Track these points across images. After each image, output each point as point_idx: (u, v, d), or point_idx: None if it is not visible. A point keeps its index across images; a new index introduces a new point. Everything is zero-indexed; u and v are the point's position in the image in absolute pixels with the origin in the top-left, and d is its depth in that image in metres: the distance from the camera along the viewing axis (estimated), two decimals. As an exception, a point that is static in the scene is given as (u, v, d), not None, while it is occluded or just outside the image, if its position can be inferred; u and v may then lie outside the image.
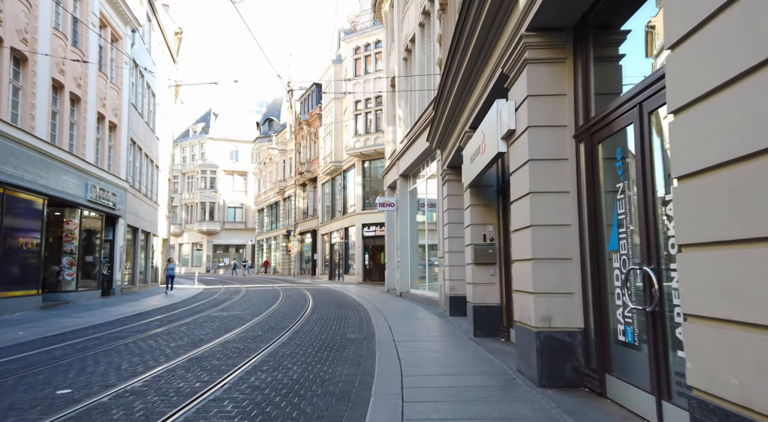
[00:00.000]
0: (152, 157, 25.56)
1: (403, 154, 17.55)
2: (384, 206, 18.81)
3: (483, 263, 8.27)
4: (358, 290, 22.46)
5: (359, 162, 30.63)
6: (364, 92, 29.56)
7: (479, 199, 8.43)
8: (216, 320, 11.38)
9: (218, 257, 62.54)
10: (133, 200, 22.00)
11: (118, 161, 19.59)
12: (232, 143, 63.90)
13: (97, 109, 17.53)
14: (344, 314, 12.34)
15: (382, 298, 17.25)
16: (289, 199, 46.17)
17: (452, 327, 9.52)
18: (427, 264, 15.82)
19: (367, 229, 29.99)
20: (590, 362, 4.63)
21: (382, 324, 10.08)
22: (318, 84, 39.79)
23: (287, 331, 9.22)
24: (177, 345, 7.86)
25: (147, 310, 14.18)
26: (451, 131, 10.48)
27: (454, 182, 11.72)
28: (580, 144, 4.84)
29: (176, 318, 12.13)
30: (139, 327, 10.44)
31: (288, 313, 12.72)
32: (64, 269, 15.76)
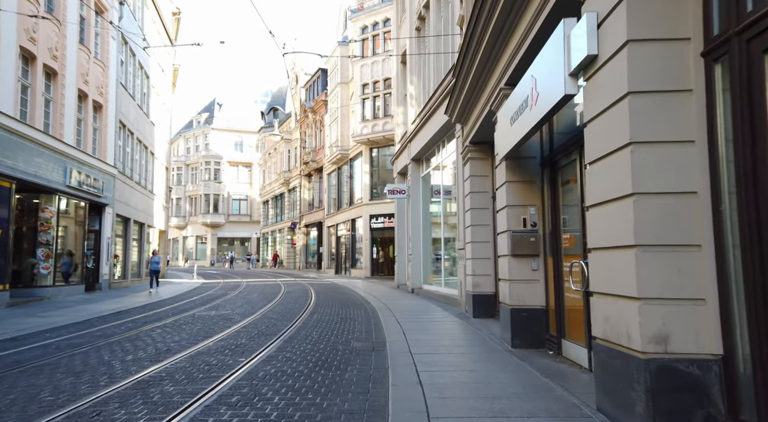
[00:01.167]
0: (146, 143, 23.97)
1: (416, 135, 15.80)
2: (394, 193, 17.08)
3: (523, 254, 6.54)
4: (366, 285, 20.80)
5: (367, 149, 28.90)
6: (371, 75, 27.76)
7: (518, 174, 6.68)
8: (199, 321, 9.74)
9: (223, 251, 61.16)
10: (124, 187, 20.42)
11: (104, 145, 17.99)
12: (237, 133, 62.37)
13: (78, 85, 15.90)
14: (349, 315, 10.66)
15: (392, 295, 15.57)
16: (294, 190, 44.56)
17: (480, 332, 7.81)
18: (442, 257, 14.10)
19: (375, 220, 28.30)
20: (738, 410, 2.90)
21: (394, 328, 8.39)
22: (323, 69, 38.03)
23: (278, 338, 7.54)
24: (135, 357, 6.21)
25: (127, 308, 12.59)
26: (476, 97, 8.72)
27: (478, 161, 9.97)
28: (715, 65, 3.08)
29: (155, 318, 10.51)
30: (107, 330, 8.82)
31: (284, 313, 11.06)
32: (39, 262, 14.20)
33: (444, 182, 14.20)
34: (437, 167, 14.83)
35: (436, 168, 15.01)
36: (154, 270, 17.70)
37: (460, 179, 11.04)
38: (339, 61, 32.19)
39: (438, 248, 15.40)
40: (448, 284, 13.59)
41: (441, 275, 14.31)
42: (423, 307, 11.90)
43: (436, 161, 14.88)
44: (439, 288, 14.16)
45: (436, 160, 14.91)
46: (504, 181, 6.76)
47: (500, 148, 6.63)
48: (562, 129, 6.03)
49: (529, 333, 6.44)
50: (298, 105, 42.60)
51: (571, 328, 5.71)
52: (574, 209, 5.68)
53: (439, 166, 14.49)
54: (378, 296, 14.86)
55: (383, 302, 13.02)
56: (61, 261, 15.36)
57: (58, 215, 14.90)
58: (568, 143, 5.62)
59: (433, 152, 15.07)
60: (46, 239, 14.36)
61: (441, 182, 14.33)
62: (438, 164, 14.60)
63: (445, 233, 14.08)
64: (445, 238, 14.06)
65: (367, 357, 6.22)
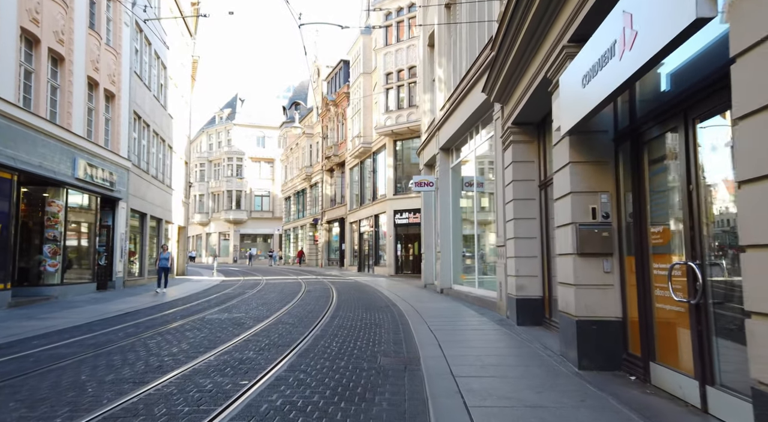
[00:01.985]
0: (164, 136, 23.21)
1: (445, 122, 14.51)
2: (421, 185, 15.83)
3: (593, 253, 5.24)
4: (390, 284, 19.63)
5: (390, 142, 27.67)
6: (395, 63, 26.49)
7: (585, 153, 5.38)
8: (206, 327, 8.68)
9: (245, 247, 60.79)
10: (139, 181, 19.65)
11: (117, 136, 17.19)
12: (259, 129, 61.85)
13: (88, 73, 15.07)
14: (374, 320, 9.48)
15: (419, 295, 14.34)
16: (315, 186, 43.65)
17: (531, 346, 6.53)
18: (475, 255, 12.80)
19: (399, 216, 27.08)
20: None
21: (426, 338, 7.18)
22: (345, 61, 36.90)
23: (292, 351, 6.40)
24: (117, 377, 5.15)
25: (136, 309, 11.67)
26: (524, 66, 7.41)
27: (522, 145, 8.67)
28: None
29: (161, 321, 9.51)
30: (103, 337, 7.83)
31: (302, 317, 9.94)
32: (46, 259, 13.41)
33: (477, 173, 12.89)
34: (469, 156, 13.52)
35: (468, 158, 13.71)
36: (163, 268, 16.04)
37: (498, 166, 9.73)
38: (362, 50, 30.99)
39: (470, 245, 14.11)
40: (482, 284, 12.30)
41: (474, 275, 13.02)
42: (456, 311, 10.65)
43: (468, 150, 13.57)
44: (471, 289, 12.87)
45: (468, 148, 13.60)
46: (566, 162, 5.46)
47: (563, 120, 5.33)
48: (650, 91, 4.71)
49: (601, 352, 5.14)
50: (320, 99, 41.61)
51: (665, 349, 4.41)
52: (668, 195, 4.37)
53: (472, 155, 13.19)
54: (404, 298, 13.66)
55: (411, 305, 11.82)
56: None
57: (66, 209, 14.10)
58: (661, 109, 4.30)
59: (465, 139, 13.76)
60: (53, 235, 13.57)
61: (474, 172, 13.02)
62: (470, 152, 13.29)
63: (478, 228, 12.78)
64: (479, 234, 12.76)
65: (399, 379, 5.02)
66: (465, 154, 14.04)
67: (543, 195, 8.43)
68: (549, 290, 8.12)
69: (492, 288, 11.34)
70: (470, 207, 14.24)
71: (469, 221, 14.12)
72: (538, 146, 8.60)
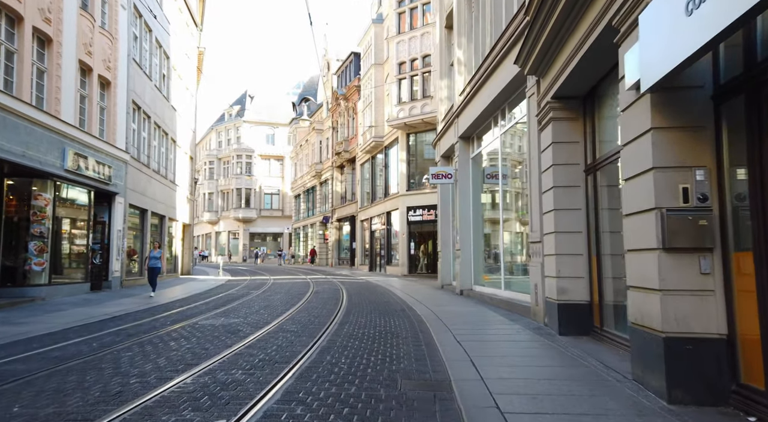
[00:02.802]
0: (166, 129, 22.17)
1: (465, 107, 13.22)
2: (439, 178, 14.54)
3: (686, 247, 3.94)
4: (404, 285, 18.37)
5: (403, 135, 26.41)
6: (408, 52, 25.22)
7: (673, 116, 4.08)
8: (195, 335, 7.50)
9: (255, 246, 59.86)
10: (138, 175, 18.60)
11: (113, 127, 16.12)
12: (269, 126, 60.92)
13: (79, 56, 14.00)
14: (390, 327, 8.23)
15: (437, 297, 13.07)
16: (326, 183, 42.53)
17: (587, 364, 5.24)
18: (501, 253, 11.49)
19: (412, 213, 25.82)
20: None
21: (454, 352, 5.93)
22: (356, 53, 35.69)
23: (291, 370, 5.18)
24: (59, 409, 3.96)
25: (125, 313, 10.55)
26: (572, 25, 6.12)
27: (565, 123, 7.38)
28: None
29: (146, 328, 8.35)
30: (72, 347, 6.69)
31: (307, 323, 8.73)
32: (32, 258, 12.35)
33: (501, 162, 11.59)
34: (493, 144, 12.22)
35: (491, 146, 12.41)
36: (153, 268, 13.89)
37: (533, 150, 8.43)
38: (373, 40, 29.75)
39: (494, 241, 12.82)
40: (510, 286, 10.99)
41: (499, 275, 11.72)
42: (481, 316, 9.37)
43: (492, 137, 12.27)
44: (496, 291, 11.57)
45: (492, 135, 12.30)
46: (647, 128, 4.17)
47: (644, 72, 4.02)
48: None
49: (701, 381, 3.84)
50: (330, 93, 40.45)
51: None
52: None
53: (497, 142, 11.89)
54: (421, 300, 12.40)
55: (429, 308, 10.55)
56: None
57: (55, 203, 13.04)
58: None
59: (488, 125, 12.46)
60: (39, 231, 12.51)
61: (497, 161, 11.72)
62: (494, 139, 11.99)
63: (503, 222, 11.47)
64: (504, 229, 11.46)
65: (428, 416, 3.77)
66: (488, 142, 12.74)
67: (591, 181, 7.12)
68: (599, 295, 6.82)
69: (522, 290, 10.04)
70: (494, 200, 12.96)
71: (493, 215, 12.83)
72: (584, 124, 7.30)
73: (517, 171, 11.27)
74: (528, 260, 9.06)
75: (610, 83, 6.54)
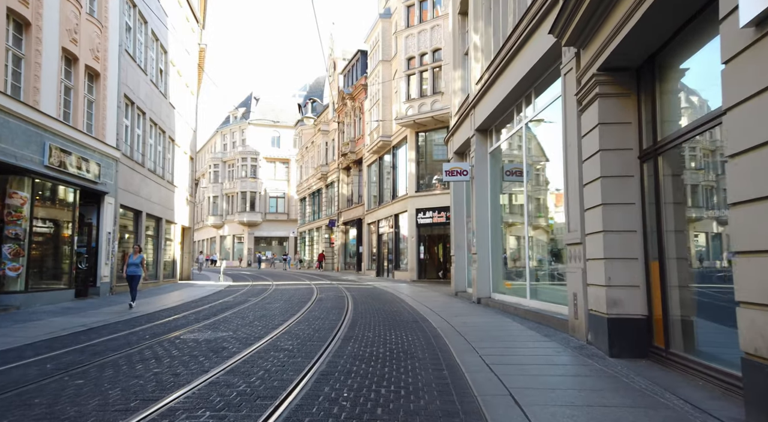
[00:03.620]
0: (163, 126, 21.09)
1: (482, 96, 11.98)
2: (453, 174, 13.28)
3: None
4: (414, 291, 17.10)
5: (412, 134, 25.20)
6: (418, 46, 24.05)
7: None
8: (172, 354, 6.28)
9: (260, 250, 58.78)
10: (131, 175, 17.51)
11: (102, 121, 15.03)
12: (274, 128, 59.94)
13: (63, 44, 12.92)
14: (402, 344, 6.98)
15: (452, 306, 11.80)
16: (332, 185, 41.38)
17: (670, 401, 3.95)
18: (526, 257, 10.20)
19: (422, 215, 24.56)
20: None
21: (487, 382, 4.67)
22: (363, 51, 34.60)
23: (276, 411, 3.94)
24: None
25: (103, 324, 9.37)
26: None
27: (613, 100, 6.13)
28: None
29: (119, 343, 7.16)
30: (18, 371, 5.51)
31: (306, 339, 7.49)
32: (5, 262, 11.21)
33: (526, 155, 10.33)
34: (515, 136, 10.97)
35: (513, 138, 11.17)
36: (133, 276, 11.94)
37: (571, 136, 7.17)
38: (380, 36, 28.62)
39: (516, 243, 11.54)
40: (537, 294, 9.70)
41: (523, 282, 10.44)
42: (507, 330, 8.08)
43: (513, 128, 11.02)
44: (520, 300, 10.28)
45: (513, 126, 11.05)
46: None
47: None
48: None
49: None
50: (336, 93, 39.36)
51: None
52: None
53: (519, 134, 10.64)
54: (434, 309, 11.14)
55: (445, 320, 9.29)
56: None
57: (33, 202, 11.91)
58: None
59: (509, 116, 11.21)
60: (14, 232, 11.37)
61: (523, 153, 10.44)
62: (518, 128, 10.73)
63: (528, 223, 10.19)
64: (530, 229, 10.17)
65: None
66: (509, 134, 11.49)
67: (648, 170, 5.86)
68: (663, 308, 5.53)
69: (554, 300, 8.76)
70: (515, 199, 11.70)
71: (515, 215, 11.57)
72: (638, 101, 6.04)
73: (544, 165, 10.00)
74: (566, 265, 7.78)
75: (679, 47, 5.28)
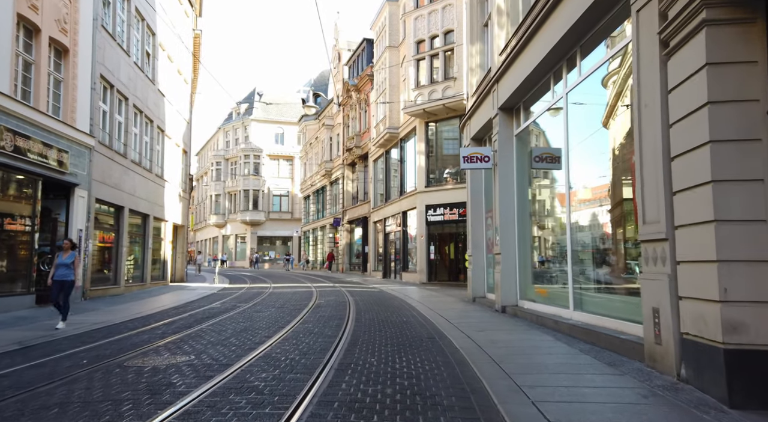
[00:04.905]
0: (150, 115, 19.32)
1: (508, 68, 10.06)
2: (472, 161, 11.34)
3: None
4: (425, 297, 15.19)
5: (421, 125, 23.28)
6: (428, 28, 22.13)
7: None
8: (90, 395, 4.43)
9: (263, 251, 57.05)
10: (110, 166, 15.74)
11: (72, 104, 13.25)
12: (277, 124, 58.29)
13: (19, 10, 11.14)
14: (417, 379, 5.06)
15: (473, 317, 9.87)
16: (336, 182, 39.56)
17: None
18: (569, 258, 8.26)
19: (432, 212, 22.65)
20: None
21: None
22: (369, 40, 32.72)
23: None
24: None
25: (41, 341, 7.56)
26: None
27: (726, 29, 4.20)
28: None
29: (34, 377, 5.32)
30: None
31: (287, 369, 5.59)
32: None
33: (567, 133, 8.40)
34: (551, 111, 9.05)
35: (548, 114, 9.24)
36: (62, 282, 8.71)
37: (651, 91, 5.22)
38: (387, 20, 26.74)
39: (552, 239, 9.61)
40: (584, 305, 7.75)
41: (563, 287, 8.51)
42: (553, 353, 6.15)
43: (549, 101, 9.09)
44: (561, 311, 8.34)
45: (549, 99, 9.13)
46: None
47: None
48: None
49: None
50: (341, 86, 37.51)
51: None
52: None
53: (557, 108, 8.72)
54: (452, 320, 9.23)
55: (469, 337, 7.38)
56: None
57: (-22, 193, 10.14)
58: None
59: (544, 87, 9.29)
60: (-47, 229, 9.59)
61: (564, 132, 8.51)
62: (553, 104, 8.81)
63: (572, 216, 8.25)
64: (575, 223, 8.24)
65: None
66: (543, 109, 9.56)
67: (789, 127, 3.92)
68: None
69: (612, 313, 6.82)
70: (554, 182, 9.78)
71: (551, 205, 9.65)
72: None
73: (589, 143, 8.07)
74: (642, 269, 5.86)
75: None
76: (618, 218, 7.14)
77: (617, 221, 7.18)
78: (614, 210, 7.21)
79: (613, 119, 7.16)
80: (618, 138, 7.03)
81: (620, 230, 7.04)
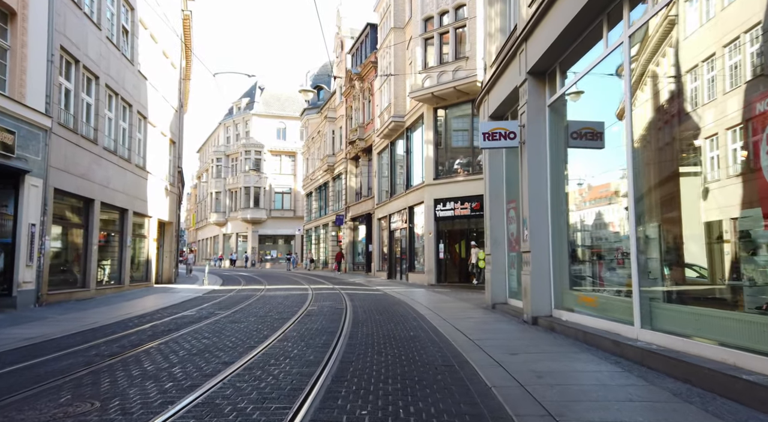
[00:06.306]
0: (129, 99, 17.40)
1: (542, 18, 7.98)
2: (494, 138, 9.24)
3: None
4: (436, 302, 13.13)
5: (430, 111, 21.22)
6: (437, 3, 20.06)
7: None
8: None
9: (264, 250, 55.16)
10: (75, 152, 13.80)
11: (20, 77, 11.32)
12: (279, 119, 56.37)
13: (-57, -43, 9.21)
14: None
15: (498, 331, 7.78)
16: (339, 178, 37.58)
17: None
18: (633, 255, 6.17)
19: (441, 207, 20.59)
20: None
21: None
22: (373, 25, 30.75)
23: None
24: None
25: None
26: None
27: None
28: None
29: None
30: None
31: (259, 400, 3.54)
32: None
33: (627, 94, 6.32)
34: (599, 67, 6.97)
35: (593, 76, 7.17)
36: None
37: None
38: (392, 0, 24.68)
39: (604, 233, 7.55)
40: (660, 321, 5.66)
41: (620, 295, 6.43)
42: (636, 400, 4.07)
43: (600, 56, 7.01)
44: (621, 329, 6.24)
45: (596, 53, 7.05)
46: None
47: None
48: None
49: None
50: (343, 76, 35.48)
51: None
52: None
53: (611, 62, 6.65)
54: (472, 336, 7.16)
55: (501, 366, 5.32)
56: None
57: None
58: None
59: (589, 40, 7.23)
60: None
61: (627, 86, 6.42)
62: (606, 57, 6.73)
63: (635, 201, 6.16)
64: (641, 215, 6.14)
65: None
66: (587, 67, 7.47)
67: None
68: None
69: (710, 335, 4.74)
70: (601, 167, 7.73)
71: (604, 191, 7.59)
72: None
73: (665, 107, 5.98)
74: None
75: None
76: (720, 198, 5.06)
77: (712, 210, 5.09)
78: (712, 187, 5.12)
79: (710, 62, 5.08)
80: (719, 85, 4.94)
81: (728, 217, 4.96)
